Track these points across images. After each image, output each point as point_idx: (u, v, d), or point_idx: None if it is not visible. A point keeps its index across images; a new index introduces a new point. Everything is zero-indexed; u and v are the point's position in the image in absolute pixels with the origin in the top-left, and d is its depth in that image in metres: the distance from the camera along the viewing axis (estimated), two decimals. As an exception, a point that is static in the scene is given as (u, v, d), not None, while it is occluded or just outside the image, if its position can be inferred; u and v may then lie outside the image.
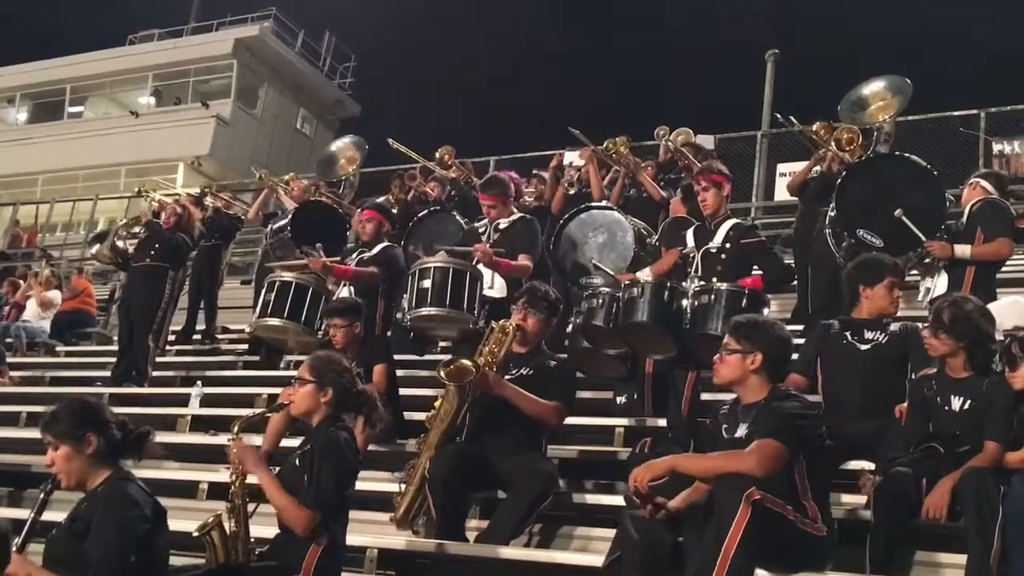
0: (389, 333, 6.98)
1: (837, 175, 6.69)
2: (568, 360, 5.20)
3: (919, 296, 6.02)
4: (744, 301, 4.89)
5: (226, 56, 25.87)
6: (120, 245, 9.22)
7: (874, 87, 7.96)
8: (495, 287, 6.29)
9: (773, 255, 5.76)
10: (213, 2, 27.81)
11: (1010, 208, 5.98)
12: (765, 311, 4.98)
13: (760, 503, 3.28)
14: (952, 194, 6.29)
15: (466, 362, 4.61)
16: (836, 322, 4.73)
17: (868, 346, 4.53)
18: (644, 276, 5.72)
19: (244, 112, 26.19)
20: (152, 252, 8.32)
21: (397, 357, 6.15)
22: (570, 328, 6.20)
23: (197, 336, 10.04)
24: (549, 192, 8.32)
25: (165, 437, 6.31)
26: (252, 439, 4.39)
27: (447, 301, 5.98)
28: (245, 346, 9.24)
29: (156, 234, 8.47)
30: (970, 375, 3.97)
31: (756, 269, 5.51)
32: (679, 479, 3.66)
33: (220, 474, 5.18)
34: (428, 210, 8.26)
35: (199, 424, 6.84)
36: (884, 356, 4.50)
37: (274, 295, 6.69)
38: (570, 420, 5.00)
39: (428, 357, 7.46)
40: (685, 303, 5.00)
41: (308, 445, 3.76)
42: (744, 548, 3.22)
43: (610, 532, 3.92)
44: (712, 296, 4.92)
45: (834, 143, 7.10)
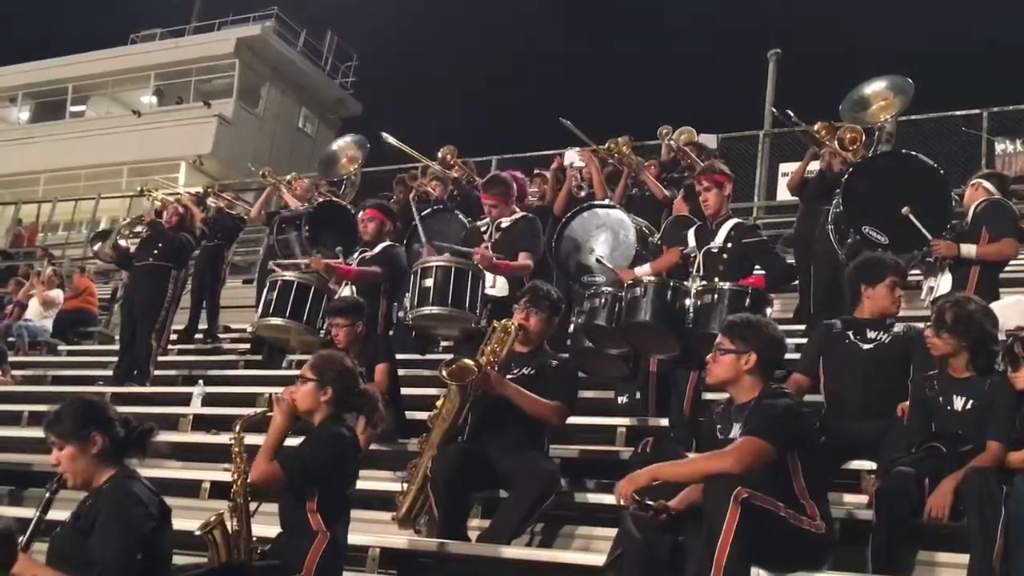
0: (391, 332, 6.98)
1: (839, 174, 6.69)
2: (570, 359, 5.19)
3: (921, 295, 6.01)
4: (747, 301, 4.89)
5: (228, 55, 25.89)
6: (122, 244, 9.24)
7: (876, 87, 7.93)
8: (497, 286, 6.28)
9: (774, 255, 5.77)
10: (215, 1, 27.89)
11: (1014, 208, 5.98)
12: (768, 311, 4.99)
13: (748, 501, 3.27)
14: (955, 194, 6.29)
15: (468, 361, 4.61)
16: (838, 322, 4.70)
17: (871, 346, 4.51)
18: (644, 272, 5.73)
19: (246, 111, 26.21)
20: (155, 251, 8.32)
21: (399, 356, 6.14)
22: (572, 327, 6.21)
23: (199, 335, 10.05)
24: (551, 193, 8.31)
25: (167, 436, 6.28)
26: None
27: (449, 300, 5.98)
28: (247, 345, 9.26)
29: (159, 233, 8.48)
30: (972, 375, 3.96)
31: (758, 269, 5.52)
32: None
33: (222, 473, 5.18)
34: (431, 209, 8.25)
35: (201, 423, 6.83)
36: (887, 356, 4.48)
37: (276, 294, 6.68)
38: (572, 419, 4.99)
39: (430, 356, 7.47)
40: (688, 302, 5.01)
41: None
42: (737, 548, 3.22)
43: (611, 531, 3.91)
44: (715, 296, 4.93)
45: (837, 142, 7.10)
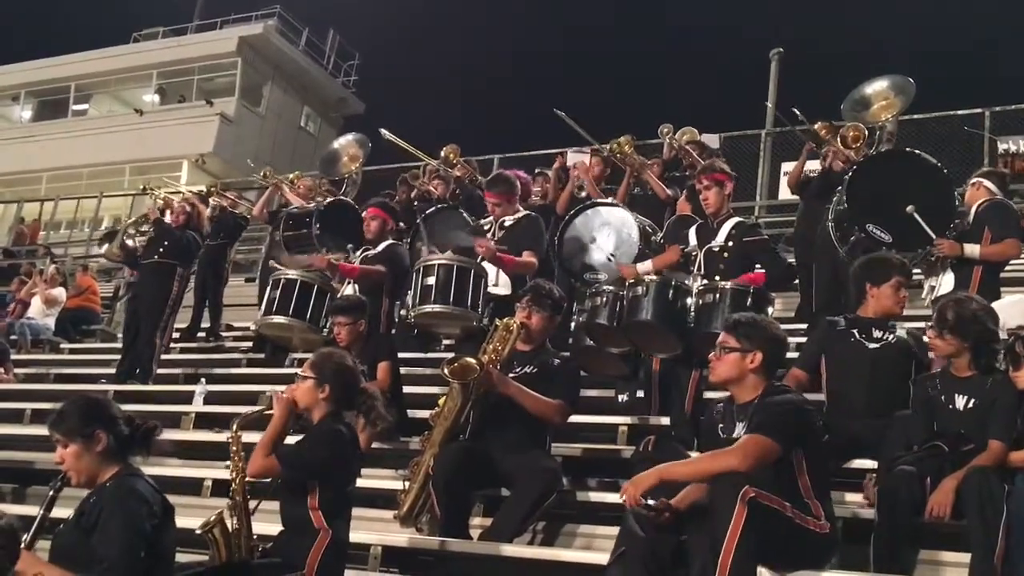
0: (393, 331, 6.99)
1: (840, 173, 6.68)
2: (572, 358, 5.19)
3: (922, 295, 6.01)
4: (749, 300, 4.89)
5: (230, 54, 25.87)
6: (129, 244, 9.24)
7: (877, 86, 7.94)
8: (499, 284, 6.28)
9: (775, 254, 5.76)
10: (217, 0, 27.88)
11: (1015, 208, 5.98)
12: (769, 310, 4.99)
13: (756, 500, 3.27)
14: (956, 192, 6.28)
15: (470, 360, 4.61)
16: (842, 319, 4.69)
17: (877, 345, 4.50)
18: (644, 269, 5.73)
19: (248, 110, 26.19)
20: (161, 249, 8.33)
21: (401, 355, 6.14)
22: (573, 326, 6.21)
23: (201, 334, 10.06)
24: (553, 193, 8.31)
25: (169, 434, 6.30)
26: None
27: (451, 298, 5.99)
28: (249, 344, 9.27)
29: (164, 232, 8.48)
30: (974, 374, 3.96)
31: (759, 267, 5.51)
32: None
33: (224, 471, 5.18)
34: (435, 207, 8.25)
35: (203, 421, 6.85)
36: (892, 356, 4.47)
37: (279, 293, 6.68)
38: (574, 418, 4.99)
39: (432, 355, 7.48)
40: (690, 301, 5.01)
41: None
42: (744, 547, 3.21)
43: (614, 530, 3.91)
44: (717, 295, 4.92)
45: (840, 140, 7.10)
